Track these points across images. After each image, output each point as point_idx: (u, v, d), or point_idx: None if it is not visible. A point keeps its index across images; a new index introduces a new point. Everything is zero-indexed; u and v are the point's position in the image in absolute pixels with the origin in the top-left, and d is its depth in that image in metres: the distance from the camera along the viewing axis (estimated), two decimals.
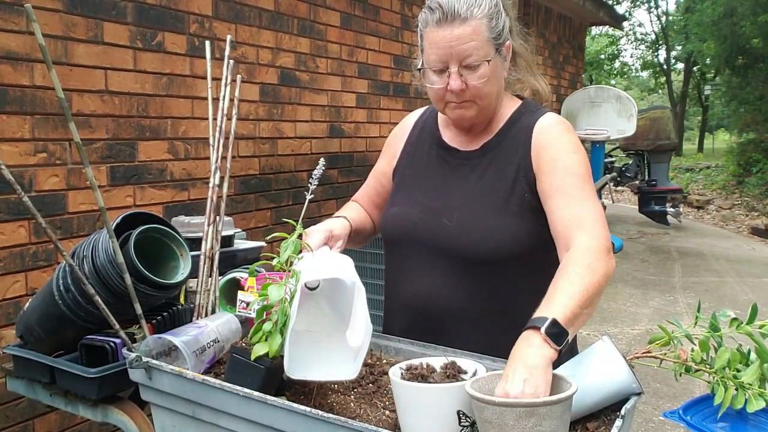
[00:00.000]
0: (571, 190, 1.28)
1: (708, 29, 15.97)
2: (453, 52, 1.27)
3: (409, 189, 1.48)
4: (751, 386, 1.10)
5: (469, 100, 1.33)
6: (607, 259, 1.19)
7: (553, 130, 1.37)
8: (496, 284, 1.36)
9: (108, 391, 1.45)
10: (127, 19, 2.50)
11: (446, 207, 1.39)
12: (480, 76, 1.29)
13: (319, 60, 3.62)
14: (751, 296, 5.88)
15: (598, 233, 1.23)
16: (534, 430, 0.92)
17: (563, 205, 1.28)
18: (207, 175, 2.81)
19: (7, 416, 2.14)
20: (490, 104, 1.37)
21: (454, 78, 1.29)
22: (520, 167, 1.36)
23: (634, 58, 39.79)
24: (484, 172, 1.39)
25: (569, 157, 1.32)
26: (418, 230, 1.41)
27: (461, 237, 1.35)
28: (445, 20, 1.26)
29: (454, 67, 1.28)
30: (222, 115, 1.62)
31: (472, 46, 1.26)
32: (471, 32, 1.26)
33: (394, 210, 1.48)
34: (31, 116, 2.18)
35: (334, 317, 1.25)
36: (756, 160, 13.36)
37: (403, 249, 1.45)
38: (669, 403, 3.65)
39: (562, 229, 1.27)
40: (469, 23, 1.26)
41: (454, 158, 1.44)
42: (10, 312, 2.14)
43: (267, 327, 1.17)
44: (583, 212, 1.26)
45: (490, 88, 1.33)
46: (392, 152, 1.56)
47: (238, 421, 1.13)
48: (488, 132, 1.43)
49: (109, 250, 1.40)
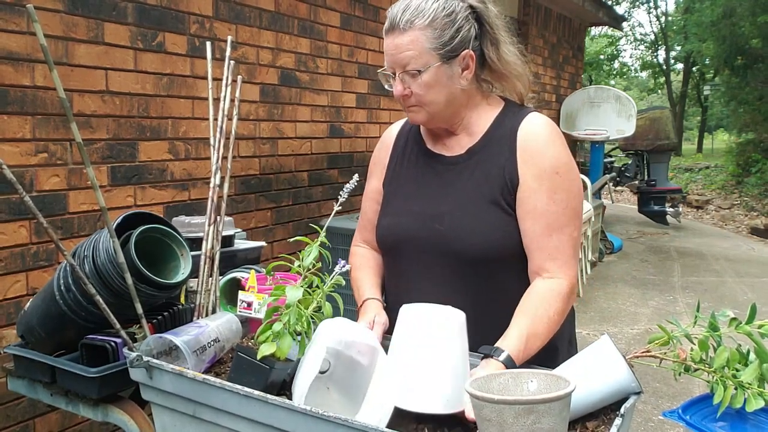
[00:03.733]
0: (552, 219, 1.33)
1: (707, 29, 15.97)
2: (394, 60, 1.35)
3: (399, 199, 1.49)
4: (751, 386, 1.11)
5: (416, 105, 1.38)
6: (568, 303, 1.34)
7: (539, 137, 1.37)
8: (491, 284, 1.38)
9: (109, 390, 1.45)
10: (128, 19, 2.51)
11: (437, 212, 1.41)
12: (420, 83, 1.34)
13: (319, 60, 3.62)
14: (750, 296, 5.88)
15: (565, 273, 1.33)
16: (533, 427, 0.93)
17: (540, 232, 1.34)
18: (207, 175, 2.81)
19: (7, 416, 2.15)
20: (441, 110, 1.39)
21: (397, 83, 1.37)
22: (506, 169, 1.37)
23: (634, 59, 39.85)
24: (471, 174, 1.41)
25: (555, 180, 1.34)
26: (411, 238, 1.43)
27: (453, 240, 1.37)
28: (390, 29, 1.36)
29: (396, 72, 1.36)
30: (223, 116, 1.62)
31: (408, 55, 1.32)
32: (408, 42, 1.32)
33: (386, 221, 1.50)
34: (32, 116, 2.19)
35: (343, 402, 1.21)
36: (755, 160, 13.36)
37: (400, 257, 1.47)
38: (668, 403, 3.65)
39: (536, 254, 1.35)
40: (408, 34, 1.32)
41: (440, 164, 1.46)
42: (10, 312, 2.15)
43: (276, 327, 1.17)
44: (559, 246, 1.33)
45: (435, 96, 1.36)
46: (380, 168, 1.58)
47: (239, 420, 1.13)
48: (472, 136, 1.44)
49: (109, 249, 1.41)
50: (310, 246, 1.24)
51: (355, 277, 1.55)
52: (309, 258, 1.22)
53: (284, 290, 1.19)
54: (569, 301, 1.34)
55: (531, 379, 1.07)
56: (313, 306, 1.22)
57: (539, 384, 1.06)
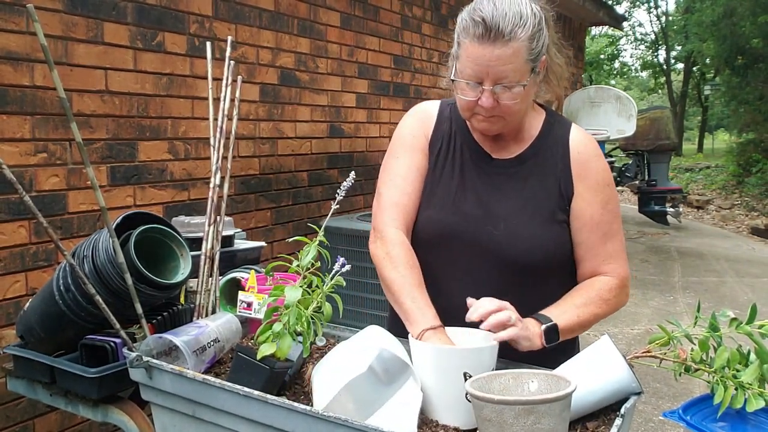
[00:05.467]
0: (606, 228, 1.39)
1: (708, 29, 15.96)
2: (490, 72, 1.24)
3: (443, 191, 1.43)
4: (751, 386, 1.11)
5: (497, 116, 1.32)
6: (622, 295, 1.41)
7: (590, 150, 1.42)
8: (533, 290, 1.36)
9: (108, 390, 1.45)
10: (128, 19, 2.51)
11: (489, 215, 1.38)
12: (513, 96, 1.28)
13: (319, 60, 3.62)
14: (750, 296, 5.88)
15: (618, 274, 1.40)
16: (533, 427, 0.93)
17: (596, 242, 1.39)
18: (207, 175, 2.81)
19: (7, 416, 2.14)
20: (518, 119, 1.38)
21: (487, 96, 1.27)
22: (561, 180, 1.38)
23: (634, 59, 39.86)
24: (525, 182, 1.39)
25: (607, 192, 1.40)
26: (458, 237, 1.38)
27: (510, 246, 1.35)
28: (488, 37, 1.22)
29: (489, 85, 1.26)
30: (223, 116, 1.62)
31: (510, 68, 1.24)
32: (511, 54, 1.23)
33: (429, 213, 1.43)
34: (32, 116, 2.19)
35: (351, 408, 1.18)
36: (756, 160, 13.35)
37: (437, 253, 1.41)
38: (669, 403, 3.65)
39: (591, 261, 1.40)
40: (511, 45, 1.22)
41: (488, 165, 1.42)
42: (10, 312, 2.14)
43: (276, 328, 1.17)
44: (614, 248, 1.40)
45: (520, 107, 1.32)
46: (422, 145, 1.46)
47: (239, 421, 1.13)
48: (520, 141, 1.42)
49: (109, 249, 1.41)
50: (308, 246, 1.24)
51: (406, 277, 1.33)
52: (307, 258, 1.22)
53: (283, 290, 1.19)
54: (624, 291, 1.41)
55: (531, 380, 1.07)
56: (312, 306, 1.21)
57: (540, 384, 1.06)
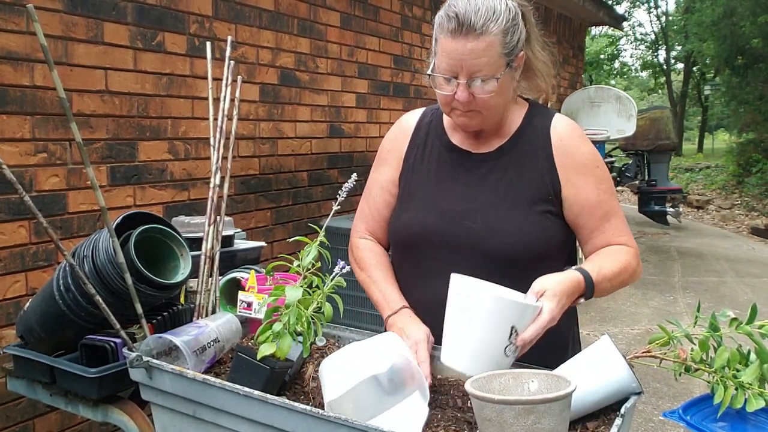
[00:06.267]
0: (606, 207, 1.40)
1: (708, 29, 15.95)
2: (464, 65, 1.26)
3: (420, 194, 1.45)
4: (751, 386, 1.11)
5: (475, 110, 1.33)
6: (637, 261, 1.40)
7: (573, 136, 1.41)
8: (517, 285, 1.35)
9: (108, 390, 1.45)
10: (127, 19, 2.51)
11: (467, 209, 1.38)
12: (488, 90, 1.29)
13: (319, 60, 3.62)
14: (750, 296, 5.88)
15: (632, 241, 1.42)
16: (533, 427, 0.93)
17: (598, 222, 1.40)
18: (207, 175, 2.81)
19: (7, 416, 2.14)
20: (497, 114, 1.37)
21: (462, 89, 1.29)
22: (543, 170, 1.38)
23: (634, 59, 39.86)
24: (504, 174, 1.39)
25: (597, 173, 1.40)
26: (437, 235, 1.39)
27: (488, 238, 1.35)
28: (460, 32, 1.24)
29: (463, 78, 1.28)
30: (223, 116, 1.62)
31: (483, 61, 1.26)
32: (484, 48, 1.25)
33: (407, 216, 1.45)
34: (32, 116, 2.19)
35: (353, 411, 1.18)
36: (756, 160, 13.35)
37: (418, 253, 1.43)
38: (669, 403, 3.65)
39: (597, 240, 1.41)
40: (483, 39, 1.24)
41: (467, 161, 1.43)
42: (10, 312, 2.14)
43: (276, 328, 1.17)
44: (618, 224, 1.42)
45: (497, 101, 1.33)
46: (396, 157, 1.52)
47: (239, 421, 1.13)
48: (500, 135, 1.42)
49: (109, 249, 1.41)
50: (309, 246, 1.24)
51: (372, 276, 1.48)
52: (308, 258, 1.22)
53: (284, 290, 1.19)
54: (638, 261, 1.40)
55: (531, 380, 1.07)
56: (313, 306, 1.21)
57: (540, 384, 1.06)
